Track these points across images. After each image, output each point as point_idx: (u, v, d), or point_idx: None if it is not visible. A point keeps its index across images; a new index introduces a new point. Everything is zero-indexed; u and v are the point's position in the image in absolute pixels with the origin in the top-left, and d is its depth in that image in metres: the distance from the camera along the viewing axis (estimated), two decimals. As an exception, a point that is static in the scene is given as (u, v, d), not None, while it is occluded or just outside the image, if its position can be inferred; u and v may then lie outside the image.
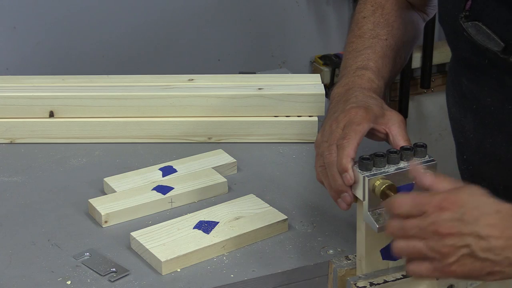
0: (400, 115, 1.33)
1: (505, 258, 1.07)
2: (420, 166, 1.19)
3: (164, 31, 2.76)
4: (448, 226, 1.07)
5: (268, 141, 1.75)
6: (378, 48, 1.45)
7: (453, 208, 1.07)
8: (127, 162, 1.67)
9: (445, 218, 1.07)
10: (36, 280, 1.33)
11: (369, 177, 1.20)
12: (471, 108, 1.38)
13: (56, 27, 2.61)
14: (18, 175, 1.63)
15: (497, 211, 1.07)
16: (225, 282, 1.32)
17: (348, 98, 1.33)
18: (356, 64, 1.42)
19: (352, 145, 1.24)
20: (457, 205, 1.07)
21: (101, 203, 1.49)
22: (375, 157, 1.21)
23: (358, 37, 1.48)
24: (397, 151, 1.22)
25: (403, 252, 1.12)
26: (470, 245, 1.06)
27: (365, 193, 1.21)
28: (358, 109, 1.29)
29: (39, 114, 1.74)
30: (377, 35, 1.47)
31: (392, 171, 1.21)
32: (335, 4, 2.99)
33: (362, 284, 1.26)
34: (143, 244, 1.37)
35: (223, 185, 1.57)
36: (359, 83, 1.38)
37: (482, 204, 1.08)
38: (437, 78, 3.20)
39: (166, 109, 1.74)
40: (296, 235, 1.44)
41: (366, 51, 1.44)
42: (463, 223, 1.07)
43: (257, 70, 2.16)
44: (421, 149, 1.23)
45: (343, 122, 1.28)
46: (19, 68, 2.57)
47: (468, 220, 1.06)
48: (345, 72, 1.43)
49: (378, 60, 1.43)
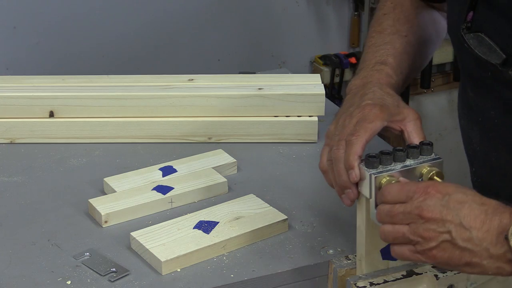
0: (416, 112, 1.32)
1: (484, 249, 1.09)
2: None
3: (164, 31, 2.76)
4: (432, 210, 1.10)
5: (268, 141, 1.75)
6: (398, 44, 1.44)
7: (438, 195, 1.11)
8: (127, 162, 1.67)
9: (430, 203, 1.10)
10: (36, 280, 1.33)
11: (376, 175, 1.20)
12: (477, 121, 1.37)
13: (56, 27, 2.61)
14: (18, 175, 1.63)
15: (482, 204, 1.10)
16: (225, 282, 1.32)
17: (365, 92, 1.33)
18: (375, 59, 1.41)
19: (360, 142, 1.24)
20: (443, 192, 1.11)
21: (101, 203, 1.49)
22: (382, 155, 1.21)
23: (378, 33, 1.47)
24: (404, 149, 1.23)
25: (389, 236, 1.15)
26: (451, 232, 1.09)
27: (371, 191, 1.21)
28: (373, 107, 1.29)
29: (39, 114, 1.74)
30: (397, 31, 1.46)
31: (398, 168, 1.21)
32: (335, 4, 2.99)
33: (362, 284, 1.26)
34: (143, 244, 1.37)
35: (223, 185, 1.57)
36: (377, 77, 1.37)
37: (468, 195, 1.11)
38: (437, 78, 3.20)
39: (166, 109, 1.74)
40: (296, 235, 1.44)
41: (385, 47, 1.43)
42: (446, 209, 1.10)
43: (257, 70, 2.17)
44: (427, 147, 1.23)
45: (356, 118, 1.28)
46: (19, 68, 2.58)
47: (452, 207, 1.09)
48: (363, 65, 1.42)
49: (397, 56, 1.42)
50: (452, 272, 1.27)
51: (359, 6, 3.00)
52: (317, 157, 1.68)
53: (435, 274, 1.27)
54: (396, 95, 1.34)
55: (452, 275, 1.27)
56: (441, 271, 1.27)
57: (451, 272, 1.27)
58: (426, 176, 1.21)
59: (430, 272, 1.27)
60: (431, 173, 1.21)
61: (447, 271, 1.27)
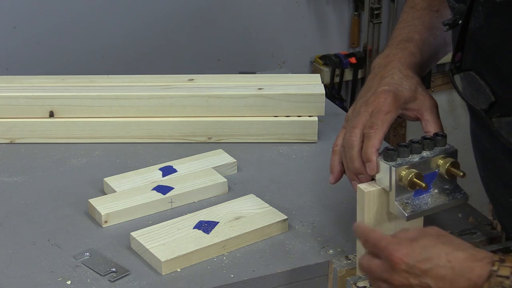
0: (433, 99, 1.32)
1: None
2: (364, 225, 1.21)
3: (164, 31, 2.76)
4: (398, 279, 1.11)
5: (268, 141, 1.75)
6: (427, 19, 1.42)
7: (402, 263, 1.10)
8: (127, 162, 1.67)
9: (397, 273, 1.11)
10: (36, 280, 1.33)
11: (396, 167, 1.22)
12: (478, 150, 1.35)
13: (56, 27, 2.61)
14: (18, 175, 1.63)
15: (448, 261, 1.09)
16: (225, 282, 1.32)
17: (384, 75, 1.33)
18: (402, 36, 1.40)
19: (378, 135, 1.26)
20: (407, 258, 1.10)
21: (101, 203, 1.49)
22: (400, 147, 1.24)
23: (411, 8, 1.46)
24: (419, 140, 1.25)
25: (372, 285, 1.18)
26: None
27: (392, 183, 1.22)
28: (388, 95, 1.29)
29: (39, 114, 1.74)
30: (429, 5, 1.44)
31: (416, 160, 1.23)
32: (335, 4, 2.99)
33: (362, 284, 1.26)
34: (143, 244, 1.37)
35: (223, 185, 1.57)
36: (400, 56, 1.36)
37: (434, 256, 1.09)
38: (437, 78, 3.19)
39: (166, 109, 1.74)
40: (296, 235, 1.44)
41: (414, 22, 1.42)
42: (412, 276, 1.10)
43: (257, 70, 2.17)
44: (441, 138, 1.26)
45: (371, 107, 1.29)
46: (19, 68, 2.57)
47: (418, 274, 1.09)
48: (390, 42, 1.41)
49: (424, 33, 1.40)
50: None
51: (359, 6, 2.99)
52: (317, 157, 1.69)
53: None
54: (415, 78, 1.34)
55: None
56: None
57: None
58: (443, 167, 1.24)
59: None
60: (448, 164, 1.24)
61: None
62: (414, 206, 1.24)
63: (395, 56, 1.37)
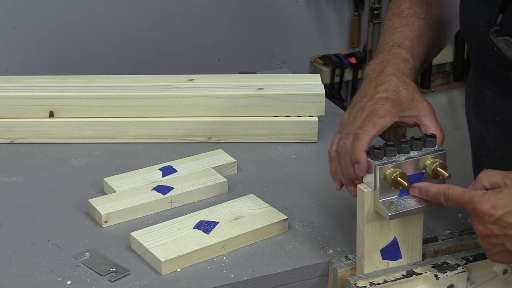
0: (430, 106, 1.33)
1: None
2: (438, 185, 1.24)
3: (164, 31, 2.76)
4: (482, 229, 1.17)
5: (268, 141, 1.75)
6: (415, 26, 1.43)
7: (489, 216, 1.15)
8: (127, 162, 1.67)
9: (482, 224, 1.17)
10: (36, 280, 1.33)
11: (380, 166, 1.22)
12: (493, 120, 1.36)
13: (56, 27, 2.61)
14: (18, 175, 1.63)
15: None
16: (225, 282, 1.32)
17: (380, 82, 1.33)
18: (392, 42, 1.41)
19: (367, 137, 1.25)
20: (493, 210, 1.15)
21: (101, 203, 1.49)
22: (386, 146, 1.23)
23: (396, 15, 1.47)
24: (407, 140, 1.25)
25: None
26: (504, 244, 1.16)
27: (376, 182, 1.22)
28: (385, 101, 1.29)
29: (39, 114, 1.74)
30: (415, 13, 1.45)
31: (403, 160, 1.23)
32: (335, 4, 2.99)
33: (362, 284, 1.26)
34: (143, 244, 1.37)
35: (223, 185, 1.57)
36: (394, 62, 1.37)
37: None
38: (437, 78, 3.19)
39: (166, 109, 1.74)
40: (296, 235, 1.44)
41: (402, 29, 1.43)
42: (497, 228, 1.15)
43: (257, 70, 2.16)
44: (430, 139, 1.26)
45: (367, 111, 1.29)
46: (19, 68, 2.57)
47: (503, 226, 1.15)
48: (380, 49, 1.42)
49: (414, 39, 1.41)
50: (452, 272, 1.27)
51: (359, 6, 2.99)
52: (317, 157, 1.69)
53: (435, 274, 1.27)
54: (412, 84, 1.34)
55: (452, 275, 1.27)
56: (441, 271, 1.27)
57: (451, 272, 1.27)
58: (430, 167, 1.24)
59: (430, 272, 1.27)
60: (435, 164, 1.24)
61: (447, 271, 1.27)
62: (398, 206, 1.24)
63: (388, 62, 1.37)
